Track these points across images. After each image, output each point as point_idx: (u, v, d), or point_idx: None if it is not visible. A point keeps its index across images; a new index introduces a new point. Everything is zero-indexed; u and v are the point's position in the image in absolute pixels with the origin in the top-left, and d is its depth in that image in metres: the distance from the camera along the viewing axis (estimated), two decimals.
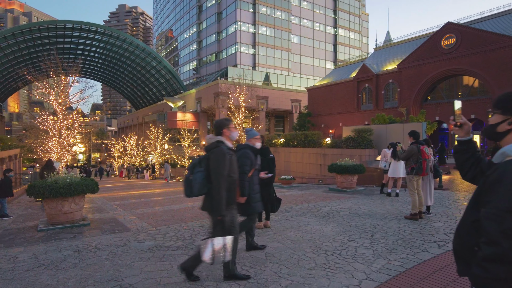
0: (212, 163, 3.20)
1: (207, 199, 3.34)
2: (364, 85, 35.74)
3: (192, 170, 3.23)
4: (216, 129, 3.47)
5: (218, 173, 3.18)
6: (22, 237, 5.93)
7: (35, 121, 14.65)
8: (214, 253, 3.09)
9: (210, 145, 3.36)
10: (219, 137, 3.41)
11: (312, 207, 8.01)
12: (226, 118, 3.59)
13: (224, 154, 3.23)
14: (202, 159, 3.27)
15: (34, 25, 46.39)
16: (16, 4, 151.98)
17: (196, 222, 6.63)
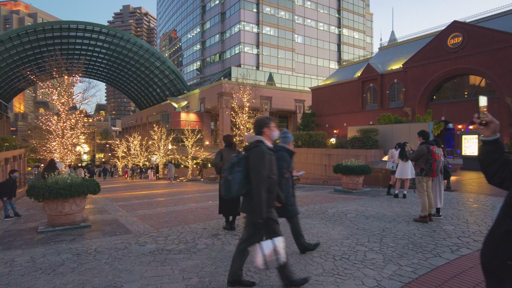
0: (252, 163, 3.06)
1: (246, 201, 3.17)
2: (368, 85, 35.45)
3: (231, 170, 3.07)
4: (256, 128, 3.32)
5: (258, 174, 3.04)
6: (22, 239, 5.81)
7: (38, 121, 14.61)
8: (266, 258, 2.96)
9: (250, 144, 3.21)
10: (259, 137, 3.25)
11: (318, 209, 7.82)
12: (267, 117, 3.42)
13: (264, 154, 3.09)
14: (241, 158, 3.12)
15: (38, 26, 46.59)
16: (22, 5, 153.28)
17: (199, 224, 6.47)
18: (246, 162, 3.10)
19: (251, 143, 3.21)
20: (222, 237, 5.37)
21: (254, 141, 3.19)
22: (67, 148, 13.79)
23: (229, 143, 6.22)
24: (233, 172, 3.05)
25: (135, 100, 77.82)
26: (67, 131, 14.04)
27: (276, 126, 13.69)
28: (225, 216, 5.95)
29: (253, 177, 3.04)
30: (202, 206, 9.17)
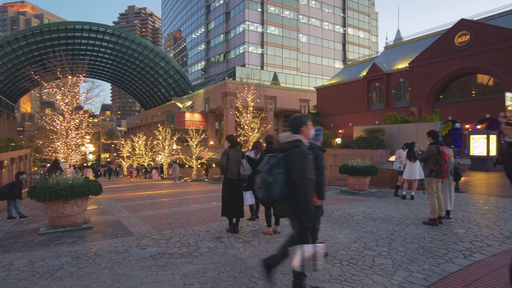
0: (295, 165, 2.91)
1: (287, 203, 3.00)
2: (374, 84, 35.12)
3: (271, 171, 2.90)
4: (293, 126, 3.15)
5: (304, 176, 2.89)
6: (22, 241, 5.72)
7: (42, 121, 14.60)
8: (304, 261, 2.88)
9: (288, 144, 3.04)
10: (298, 136, 3.08)
11: (324, 210, 7.64)
12: (304, 115, 3.26)
13: (306, 155, 2.95)
14: (281, 159, 2.95)
15: (44, 27, 46.87)
16: (28, 6, 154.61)
17: (202, 227, 6.34)
18: (286, 163, 2.95)
19: (289, 142, 3.05)
20: (225, 240, 5.22)
21: (293, 141, 3.04)
22: (71, 148, 13.75)
23: (234, 143, 6.04)
24: (273, 174, 2.89)
25: (140, 100, 78.07)
26: (71, 131, 13.99)
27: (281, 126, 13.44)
28: (229, 218, 5.79)
29: (298, 179, 2.90)
30: (206, 207, 9.04)
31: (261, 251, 4.60)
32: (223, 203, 5.83)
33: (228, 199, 5.71)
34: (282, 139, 3.14)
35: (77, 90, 14.24)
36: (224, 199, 5.82)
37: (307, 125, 3.15)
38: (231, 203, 5.70)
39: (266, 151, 5.63)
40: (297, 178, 2.89)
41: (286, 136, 3.13)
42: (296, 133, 3.11)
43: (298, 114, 3.26)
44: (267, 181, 2.89)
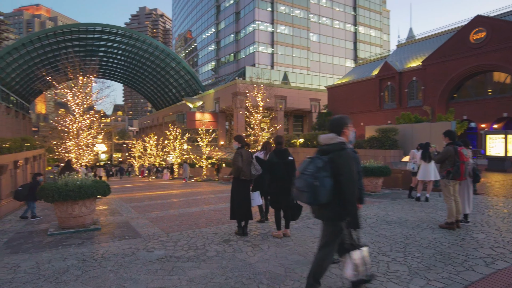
0: (343, 168, 2.81)
1: (330, 208, 2.88)
2: (386, 83, 34.54)
3: (316, 174, 2.77)
4: (335, 128, 3.03)
5: (352, 180, 2.81)
6: (31, 241, 5.70)
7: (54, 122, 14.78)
8: (357, 268, 2.84)
9: (332, 146, 2.92)
10: (342, 138, 2.97)
11: None
12: (345, 116, 3.15)
13: (351, 158, 2.88)
14: (326, 162, 2.82)
15: (58, 29, 47.64)
16: (43, 9, 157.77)
17: (211, 229, 6.22)
18: (332, 166, 2.83)
19: (333, 144, 2.93)
20: (234, 244, 5.09)
21: (338, 143, 2.92)
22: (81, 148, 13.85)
23: (243, 143, 5.88)
24: (319, 178, 2.76)
25: (151, 100, 78.73)
26: (82, 131, 14.10)
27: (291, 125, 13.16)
28: (238, 221, 5.65)
29: (346, 183, 2.80)
30: (215, 208, 8.94)
31: (270, 256, 4.45)
32: (233, 205, 5.64)
33: (239, 201, 5.55)
34: (324, 140, 3.00)
35: (88, 91, 14.33)
36: (233, 201, 5.64)
37: (348, 126, 3.05)
38: (241, 205, 5.54)
39: (275, 152, 5.48)
40: (345, 182, 2.79)
41: (329, 137, 2.98)
42: (338, 135, 2.99)
43: (339, 116, 3.16)
44: (313, 185, 2.76)
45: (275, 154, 5.42)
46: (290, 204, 5.27)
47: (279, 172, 5.27)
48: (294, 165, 5.44)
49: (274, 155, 5.43)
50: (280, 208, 5.38)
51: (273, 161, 5.35)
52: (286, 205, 5.28)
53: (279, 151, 5.46)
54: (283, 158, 5.34)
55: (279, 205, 5.35)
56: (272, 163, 5.35)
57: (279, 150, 5.47)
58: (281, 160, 5.31)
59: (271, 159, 5.40)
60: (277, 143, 5.55)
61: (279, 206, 5.35)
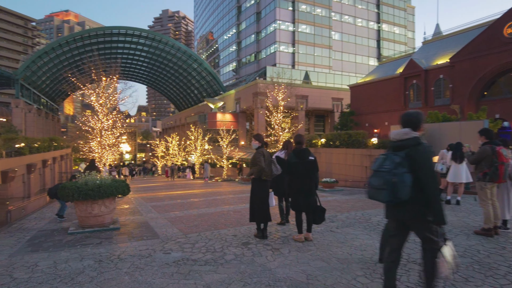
0: (424, 163, 2.70)
1: (410, 205, 2.74)
2: (411, 81, 33.40)
3: (395, 171, 2.65)
4: (412, 123, 2.88)
5: (433, 175, 2.71)
6: (52, 240, 5.73)
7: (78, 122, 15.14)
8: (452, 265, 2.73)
9: (408, 141, 2.79)
10: (417, 133, 2.84)
11: (360, 216, 7.10)
12: (420, 112, 3.02)
13: (431, 153, 2.79)
14: (404, 158, 2.71)
15: (84, 33, 49.21)
16: (72, 15, 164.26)
17: (229, 230, 6.04)
18: (410, 162, 2.70)
19: (409, 139, 2.79)
20: (253, 247, 4.88)
21: (413, 138, 2.79)
22: (104, 148, 14.08)
23: (264, 143, 5.66)
24: (398, 174, 2.64)
25: (174, 101, 79.99)
26: (106, 131, 14.33)
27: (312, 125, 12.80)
28: (257, 223, 5.43)
29: (427, 178, 2.68)
30: (234, 209, 8.77)
31: (291, 261, 4.21)
32: (252, 207, 5.40)
33: (259, 202, 5.32)
34: (397, 136, 2.86)
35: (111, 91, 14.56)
36: (254, 203, 5.41)
37: (423, 123, 2.95)
38: (261, 207, 5.31)
39: (294, 152, 5.23)
40: (425, 177, 2.66)
41: (403, 132, 2.84)
42: (414, 130, 2.84)
43: (414, 111, 3.00)
44: (392, 181, 2.63)
45: (295, 154, 5.18)
46: (312, 207, 5.01)
47: (299, 173, 5.02)
48: (315, 165, 5.16)
49: (293, 155, 5.19)
50: (301, 211, 5.12)
51: (292, 161, 5.12)
52: (308, 207, 5.02)
53: (298, 150, 5.20)
54: (303, 158, 5.08)
55: (299, 207, 5.09)
56: (290, 163, 5.12)
57: (299, 149, 5.21)
58: (301, 160, 5.05)
59: (290, 159, 5.17)
60: (297, 143, 5.31)
61: (300, 208, 5.09)
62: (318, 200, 5.14)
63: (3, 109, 53.87)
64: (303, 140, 5.38)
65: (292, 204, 5.17)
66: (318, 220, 5.03)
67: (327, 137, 20.13)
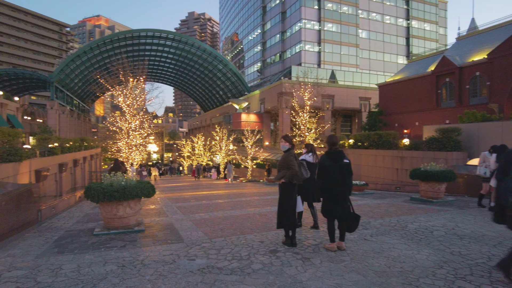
0: None
1: None
2: (444, 79, 31.84)
3: None
4: None
5: None
6: (77, 241, 5.70)
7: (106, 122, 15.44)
8: None
9: None
10: None
11: (395, 222, 6.62)
12: None
13: None
14: None
15: (114, 36, 50.73)
16: (103, 19, 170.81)
17: (256, 236, 5.78)
18: None
19: None
20: (282, 255, 4.59)
21: None
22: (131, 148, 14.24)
23: (293, 144, 5.30)
24: None
25: (199, 102, 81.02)
26: (133, 132, 14.50)
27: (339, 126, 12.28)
28: (286, 230, 5.12)
29: None
30: (260, 212, 8.51)
31: (323, 273, 3.88)
32: (281, 213, 5.06)
33: (288, 208, 4.98)
34: None
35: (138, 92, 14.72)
36: (283, 208, 5.04)
37: None
38: (290, 212, 4.98)
39: (328, 154, 4.85)
40: None
41: None
42: None
43: None
44: None
45: (328, 157, 4.75)
46: (346, 213, 4.65)
47: (333, 177, 4.63)
48: (350, 168, 4.78)
49: (326, 157, 4.75)
50: (335, 218, 4.74)
51: (325, 164, 4.69)
52: (342, 214, 4.65)
53: (333, 153, 4.77)
54: (338, 161, 4.68)
55: (333, 214, 4.71)
56: (324, 167, 4.70)
57: (333, 151, 4.78)
58: (336, 163, 4.66)
59: (323, 162, 4.73)
60: (331, 144, 4.86)
61: (333, 215, 4.71)
62: (351, 206, 4.78)
63: (40, 111, 56.56)
64: (338, 141, 4.97)
65: (325, 210, 4.79)
66: (352, 227, 4.67)
67: (355, 138, 19.48)
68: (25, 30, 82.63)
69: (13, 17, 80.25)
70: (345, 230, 4.74)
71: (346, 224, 4.69)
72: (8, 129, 12.06)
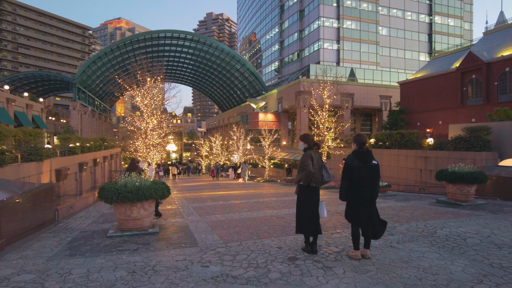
0: None
1: None
2: (470, 76, 30.49)
3: None
4: None
5: None
6: (90, 243, 5.57)
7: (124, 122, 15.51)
8: None
9: None
10: None
11: (423, 228, 6.16)
12: None
13: None
14: None
15: (133, 37, 51.55)
16: (123, 22, 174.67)
17: (273, 241, 5.48)
18: None
19: None
20: (301, 264, 4.27)
21: None
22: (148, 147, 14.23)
23: (311, 144, 4.86)
24: None
25: (217, 102, 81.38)
26: (151, 131, 14.49)
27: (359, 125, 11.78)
28: (305, 236, 4.79)
29: None
30: (278, 214, 8.20)
31: (347, 284, 3.55)
32: (299, 217, 4.76)
33: (308, 212, 4.66)
34: None
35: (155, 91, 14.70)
36: (300, 212, 4.75)
37: None
38: (310, 217, 4.65)
39: (355, 154, 4.42)
40: None
41: None
42: None
43: None
44: None
45: (356, 157, 4.40)
46: (372, 219, 4.30)
47: (362, 179, 4.29)
48: (378, 170, 4.44)
49: (354, 157, 4.40)
50: (361, 223, 4.37)
51: (353, 164, 4.34)
52: (369, 220, 4.31)
53: (361, 153, 4.42)
54: (367, 162, 4.34)
55: (359, 219, 4.35)
56: (351, 167, 4.34)
57: (361, 151, 4.43)
58: (365, 164, 4.32)
59: (351, 162, 4.36)
60: (360, 143, 4.49)
61: (360, 220, 4.35)
62: (377, 211, 4.42)
63: (64, 112, 58.31)
64: (366, 140, 4.57)
65: (350, 215, 4.44)
66: (378, 234, 4.32)
67: (376, 137, 18.85)
68: (50, 34, 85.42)
69: (39, 22, 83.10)
70: (371, 237, 4.37)
71: (372, 230, 4.32)
72: (30, 129, 12.25)
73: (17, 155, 10.59)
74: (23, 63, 79.42)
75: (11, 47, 77.68)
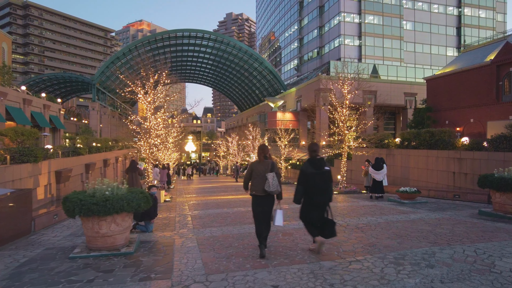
0: None
1: None
2: (507, 69, 27.95)
3: None
4: None
5: None
6: (43, 268, 4.46)
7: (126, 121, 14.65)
8: None
9: None
10: None
11: (473, 255, 4.63)
12: None
13: None
14: None
15: (151, 37, 51.45)
16: (145, 24, 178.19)
17: (271, 272, 4.15)
18: None
19: None
20: None
21: None
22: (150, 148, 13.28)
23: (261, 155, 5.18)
24: None
25: (236, 102, 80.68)
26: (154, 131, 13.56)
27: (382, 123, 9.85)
28: None
29: None
30: (285, 229, 6.79)
31: None
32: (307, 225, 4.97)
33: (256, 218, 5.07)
34: None
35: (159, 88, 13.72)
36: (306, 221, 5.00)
37: None
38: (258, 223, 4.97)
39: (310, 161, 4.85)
40: None
41: None
42: None
43: None
44: None
45: (310, 164, 4.83)
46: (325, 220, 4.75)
47: (317, 184, 4.69)
48: (331, 175, 4.83)
49: (309, 164, 4.83)
50: (313, 224, 4.81)
51: (307, 171, 4.74)
52: (320, 220, 4.77)
53: (314, 160, 4.85)
54: (320, 168, 4.75)
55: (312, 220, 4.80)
56: (306, 174, 4.73)
57: (315, 159, 4.86)
58: (318, 171, 4.73)
59: (306, 169, 4.77)
60: (312, 151, 4.96)
61: (312, 221, 4.80)
62: (330, 212, 4.85)
63: (86, 112, 59.22)
64: (318, 148, 5.06)
65: (304, 216, 4.89)
66: (328, 234, 4.69)
67: (402, 137, 17.13)
68: (74, 37, 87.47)
69: (63, 25, 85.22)
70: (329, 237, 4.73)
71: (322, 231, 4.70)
72: (22, 128, 11.52)
73: (5, 156, 9.79)
74: (49, 66, 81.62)
75: (38, 51, 79.96)
